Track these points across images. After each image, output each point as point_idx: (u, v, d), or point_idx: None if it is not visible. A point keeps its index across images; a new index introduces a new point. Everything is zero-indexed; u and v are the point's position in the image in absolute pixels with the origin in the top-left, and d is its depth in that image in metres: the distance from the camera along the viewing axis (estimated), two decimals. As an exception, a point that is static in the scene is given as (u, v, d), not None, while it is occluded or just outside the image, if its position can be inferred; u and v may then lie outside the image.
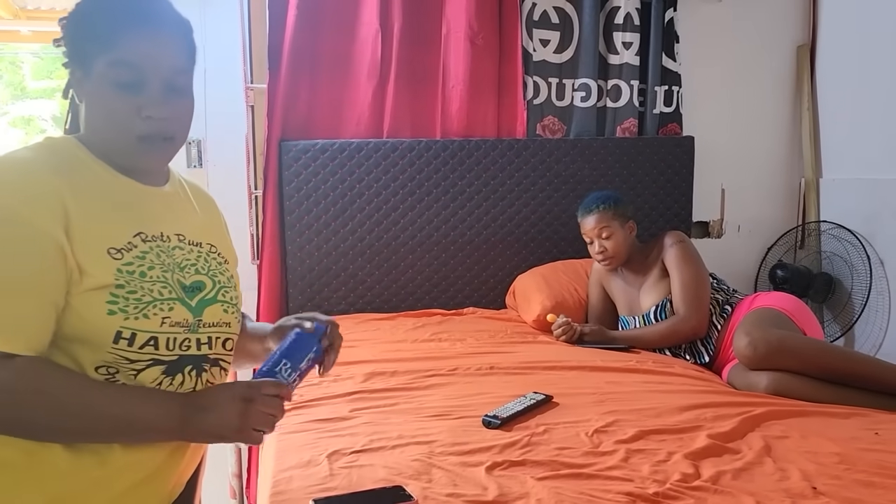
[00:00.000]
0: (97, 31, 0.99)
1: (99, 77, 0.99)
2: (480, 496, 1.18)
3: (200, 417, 0.97)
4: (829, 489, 1.21)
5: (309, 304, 2.61)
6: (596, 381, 1.83)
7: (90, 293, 0.93)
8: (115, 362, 0.96)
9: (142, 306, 0.96)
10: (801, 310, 2.08)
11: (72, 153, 1.01)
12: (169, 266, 1.02)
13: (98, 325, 0.94)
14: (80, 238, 0.94)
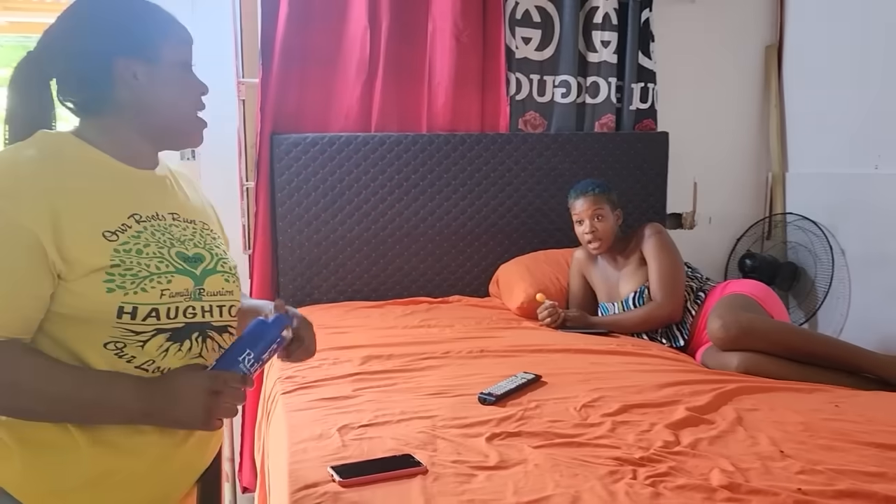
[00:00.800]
0: (161, 24, 1.11)
1: (170, 61, 1.11)
2: (483, 462, 1.29)
3: (169, 407, 1.02)
4: (795, 452, 1.34)
5: (300, 293, 2.69)
6: (580, 362, 1.95)
7: (88, 276, 0.99)
8: (121, 336, 1.01)
9: (138, 281, 1.01)
10: (769, 296, 2.23)
11: (68, 147, 1.07)
12: (165, 242, 1.08)
13: (100, 304, 0.99)
14: (72, 228, 0.98)
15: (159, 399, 1.01)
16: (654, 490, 1.19)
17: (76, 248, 0.98)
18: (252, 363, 1.07)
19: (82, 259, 0.98)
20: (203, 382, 1.03)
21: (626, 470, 1.26)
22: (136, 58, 1.08)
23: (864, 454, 1.34)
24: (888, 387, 1.89)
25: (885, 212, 2.68)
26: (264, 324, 1.10)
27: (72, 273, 0.98)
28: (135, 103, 1.09)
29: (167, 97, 1.11)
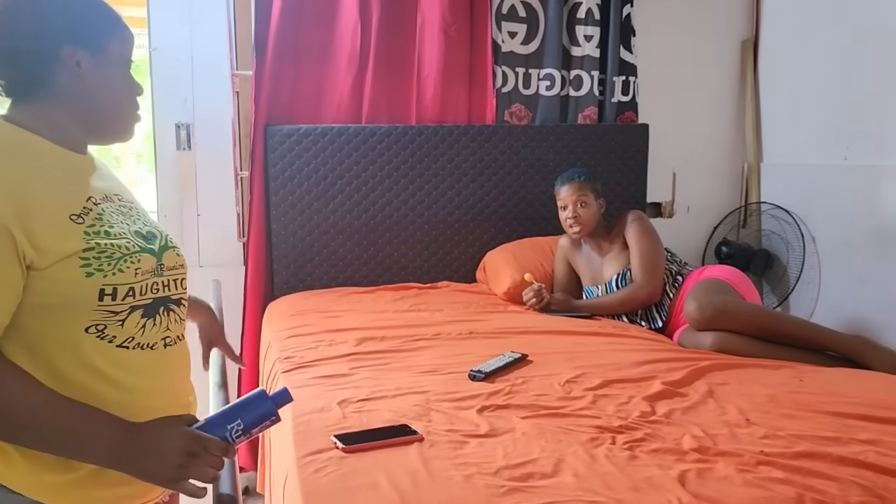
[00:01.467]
0: (110, 20, 1.11)
1: (113, 56, 1.09)
2: (475, 431, 1.40)
3: (140, 458, 0.97)
4: (760, 420, 1.46)
5: (293, 279, 2.78)
6: (564, 342, 2.07)
7: (62, 262, 0.97)
8: (102, 318, 1.01)
9: (114, 262, 1.02)
10: (743, 280, 2.35)
11: (13, 134, 1.04)
12: (123, 222, 1.09)
13: (80, 289, 0.99)
14: (40, 213, 0.97)
15: (134, 447, 0.97)
16: (631, 453, 1.31)
17: (46, 234, 0.97)
18: (239, 434, 1.00)
19: (54, 245, 0.97)
20: (182, 443, 0.97)
21: (605, 437, 1.38)
22: (82, 47, 1.06)
23: (822, 422, 1.47)
24: (850, 363, 2.02)
25: (853, 201, 2.82)
26: (264, 397, 1.04)
27: (44, 260, 0.96)
28: (74, 91, 1.07)
29: (107, 90, 1.10)
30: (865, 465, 1.27)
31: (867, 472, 1.24)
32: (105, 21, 1.10)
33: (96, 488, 1.01)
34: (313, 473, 1.23)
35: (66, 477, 0.99)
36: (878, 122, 2.72)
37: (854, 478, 1.22)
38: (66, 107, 1.07)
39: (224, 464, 1.00)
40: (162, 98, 2.70)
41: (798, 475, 1.22)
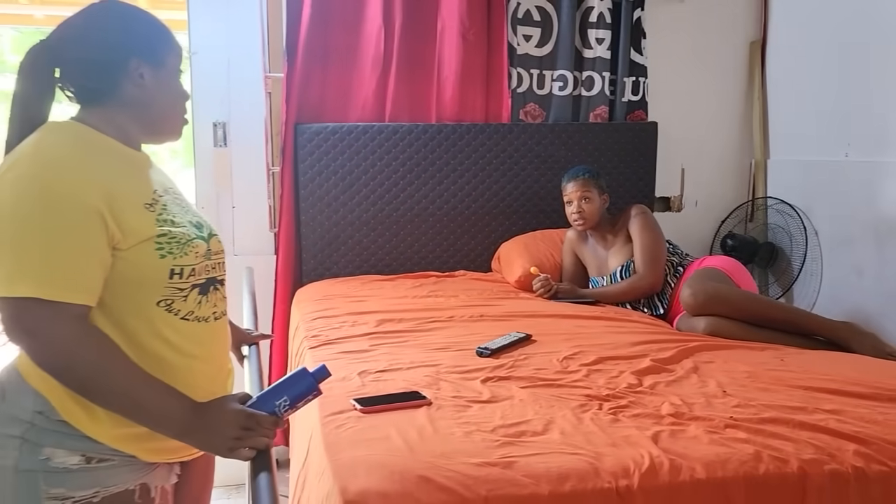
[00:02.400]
0: (168, 37, 1.27)
1: (170, 70, 1.25)
2: (477, 397, 1.58)
3: (204, 432, 1.12)
4: (735, 392, 1.63)
5: (320, 268, 2.98)
6: (567, 325, 2.24)
7: (140, 245, 1.13)
8: (170, 294, 1.17)
9: (181, 246, 1.18)
10: (738, 269, 2.50)
11: (89, 134, 1.19)
12: (181, 212, 1.24)
13: (155, 268, 1.15)
14: (122, 202, 1.12)
15: (199, 423, 1.12)
16: (615, 417, 1.48)
17: (129, 219, 1.12)
18: (286, 408, 1.15)
19: (136, 229, 1.13)
20: (238, 420, 1.12)
21: (593, 404, 1.55)
22: (146, 60, 1.21)
23: (792, 394, 1.62)
24: (837, 348, 2.16)
25: (854, 196, 2.94)
26: (306, 374, 1.17)
27: (126, 243, 1.11)
28: (137, 98, 1.21)
29: (163, 97, 1.24)
30: (824, 430, 1.42)
31: (824, 436, 1.40)
32: (163, 37, 1.26)
33: (159, 440, 1.17)
34: (335, 429, 1.42)
35: (136, 430, 1.14)
36: (878, 121, 2.83)
37: (811, 440, 1.38)
38: (128, 111, 1.22)
39: (275, 435, 1.15)
40: (200, 98, 2.92)
41: (760, 436, 1.38)
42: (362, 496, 1.15)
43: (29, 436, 1.12)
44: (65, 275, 1.07)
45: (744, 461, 1.28)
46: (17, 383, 1.14)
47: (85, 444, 1.13)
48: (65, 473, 1.12)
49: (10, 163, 1.12)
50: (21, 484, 1.12)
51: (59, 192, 1.08)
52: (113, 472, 1.15)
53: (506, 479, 1.20)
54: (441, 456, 1.27)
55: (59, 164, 1.11)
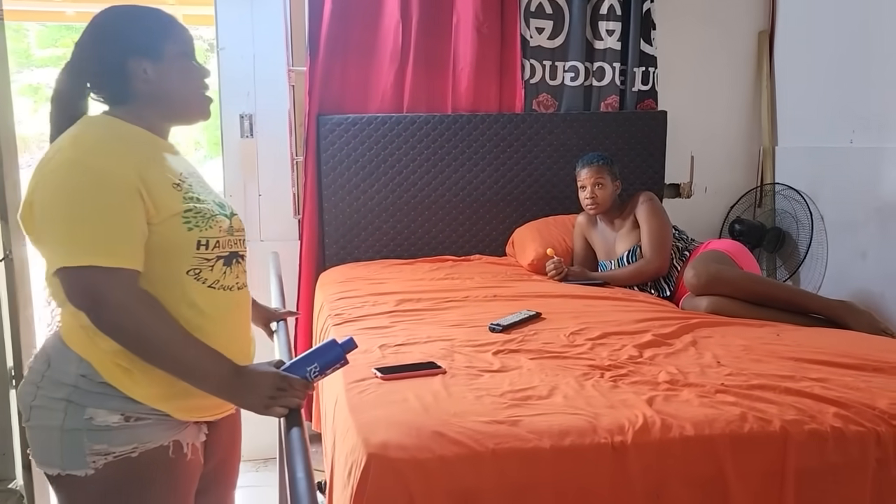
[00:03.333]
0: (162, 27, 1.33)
1: (173, 56, 1.32)
2: (488, 367, 1.72)
3: (242, 390, 1.24)
4: (729, 363, 1.75)
5: (342, 252, 3.12)
6: (575, 304, 2.36)
7: (170, 220, 1.26)
8: (198, 264, 1.28)
9: (205, 220, 1.29)
10: (741, 251, 2.61)
11: (121, 125, 1.31)
12: (204, 192, 1.36)
13: (183, 239, 1.27)
14: (153, 181, 1.25)
15: (238, 382, 1.24)
16: (614, 384, 1.61)
17: (161, 196, 1.25)
18: (316, 374, 1.28)
19: (167, 204, 1.25)
20: (275, 381, 1.23)
21: (595, 373, 1.68)
22: (143, 57, 1.30)
23: (783, 365, 1.74)
24: (834, 326, 2.26)
25: (858, 181, 3.03)
26: (335, 344, 1.31)
27: (158, 217, 1.24)
28: (149, 93, 1.31)
29: (172, 85, 1.33)
30: (809, 395, 1.54)
31: (807, 400, 1.52)
32: (157, 30, 1.33)
33: (194, 398, 1.29)
34: (358, 394, 1.57)
35: (171, 390, 1.27)
36: (882, 108, 2.91)
37: (795, 403, 1.49)
38: (148, 105, 1.33)
39: (305, 397, 1.27)
40: (228, 92, 3.07)
41: (747, 400, 1.50)
42: (383, 447, 1.29)
43: (73, 398, 1.24)
44: (116, 244, 1.20)
45: (730, 421, 1.40)
46: (61, 350, 1.27)
47: (124, 405, 1.25)
48: (107, 431, 1.24)
49: (55, 151, 1.25)
50: (67, 441, 1.24)
51: (102, 172, 1.21)
52: (149, 429, 1.28)
53: (512, 435, 1.33)
54: (454, 415, 1.40)
55: (99, 149, 1.24)
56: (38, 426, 1.28)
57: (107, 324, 1.20)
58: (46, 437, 1.26)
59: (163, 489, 1.31)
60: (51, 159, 1.23)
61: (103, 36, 1.32)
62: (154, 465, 1.28)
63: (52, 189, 1.21)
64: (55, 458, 1.26)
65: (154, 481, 1.29)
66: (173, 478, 1.32)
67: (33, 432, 1.29)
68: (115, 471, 1.25)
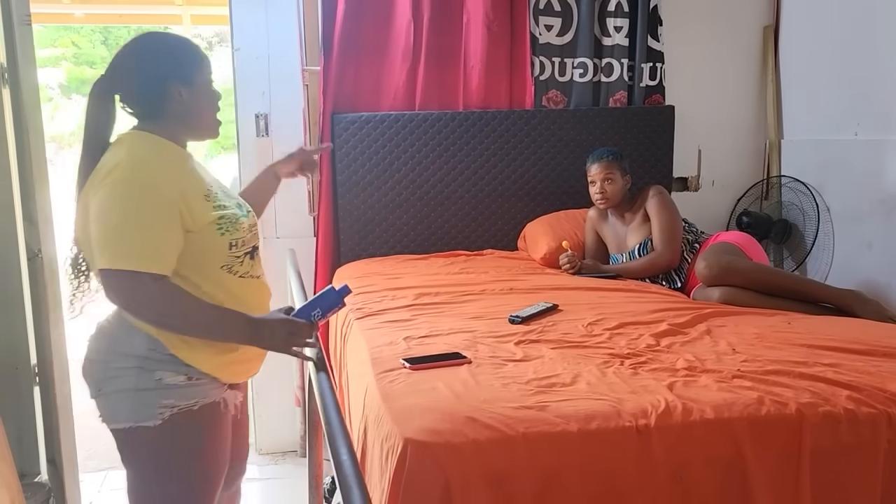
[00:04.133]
0: (196, 57, 1.58)
1: (201, 84, 1.57)
2: (512, 357, 1.78)
3: (263, 337, 1.52)
4: (744, 350, 1.81)
5: (357, 248, 3.18)
6: (590, 296, 2.42)
7: (205, 227, 1.50)
8: (230, 261, 1.55)
9: (233, 223, 1.55)
10: (750, 243, 2.67)
11: (158, 142, 1.54)
12: (227, 197, 1.60)
13: (218, 242, 1.53)
14: (190, 196, 1.49)
15: (254, 328, 1.51)
16: (634, 371, 1.67)
17: (195, 208, 1.49)
18: (319, 317, 1.55)
19: (200, 215, 1.50)
20: (286, 326, 1.52)
21: (615, 361, 1.74)
22: (181, 82, 1.54)
23: (795, 351, 1.80)
24: (842, 314, 2.32)
25: (863, 172, 3.08)
26: (333, 291, 1.57)
27: (195, 225, 1.49)
28: (180, 113, 1.55)
29: (199, 106, 1.58)
30: (822, 379, 1.60)
31: (821, 384, 1.57)
32: (192, 59, 1.57)
33: (233, 365, 1.59)
34: (388, 383, 1.63)
35: (221, 358, 1.56)
36: (886, 100, 2.97)
37: (809, 387, 1.55)
38: (176, 121, 1.57)
39: (313, 337, 1.56)
40: (243, 91, 3.13)
41: (763, 385, 1.56)
42: (418, 433, 1.35)
43: (144, 365, 1.50)
44: (155, 252, 1.43)
45: (748, 404, 1.46)
46: (126, 328, 1.51)
47: (186, 369, 1.53)
48: (174, 388, 1.51)
49: (110, 168, 1.46)
50: (139, 399, 1.50)
51: (150, 189, 1.44)
52: (205, 388, 1.56)
53: (540, 419, 1.39)
54: (483, 402, 1.46)
55: (147, 168, 1.47)
56: (110, 392, 1.52)
57: (142, 318, 1.47)
58: (119, 399, 1.51)
59: (212, 434, 1.60)
60: (110, 172, 1.45)
61: (147, 58, 1.54)
62: (208, 416, 1.57)
63: (107, 199, 1.43)
64: (127, 414, 1.51)
65: (206, 429, 1.58)
66: (221, 428, 1.62)
67: (105, 399, 1.54)
68: (178, 420, 1.52)
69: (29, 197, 2.29)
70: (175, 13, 4.94)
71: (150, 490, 1.58)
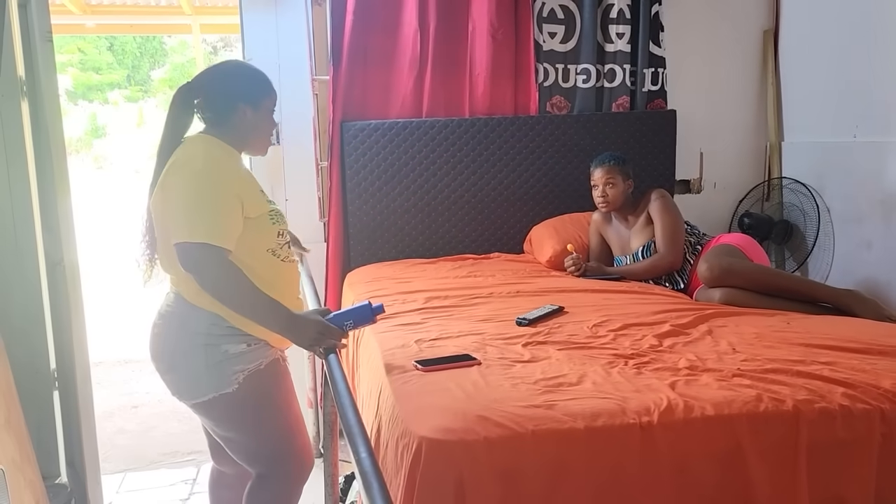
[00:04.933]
0: (266, 88, 1.87)
1: (265, 109, 1.87)
2: (520, 358, 1.85)
3: (296, 331, 1.73)
4: (743, 349, 1.88)
5: (367, 252, 3.26)
6: (595, 298, 2.49)
7: (260, 217, 1.79)
8: (275, 247, 1.82)
9: (281, 216, 1.86)
10: (751, 244, 2.73)
11: (222, 145, 1.82)
12: (267, 196, 1.88)
13: (269, 230, 1.82)
14: (247, 191, 1.78)
15: (292, 324, 1.73)
16: (638, 371, 1.74)
17: (251, 200, 1.78)
18: (350, 327, 1.77)
19: (256, 206, 1.79)
20: (318, 327, 1.72)
21: (619, 361, 1.81)
22: (249, 105, 1.82)
23: (793, 350, 1.87)
24: (841, 313, 2.39)
25: (862, 174, 3.15)
26: (369, 308, 1.77)
27: (253, 213, 1.77)
28: (242, 128, 1.83)
29: (258, 128, 1.86)
30: (818, 377, 1.67)
31: (817, 382, 1.64)
32: (263, 88, 1.87)
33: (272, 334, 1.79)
34: (402, 384, 1.70)
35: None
36: (884, 103, 3.03)
37: (805, 385, 1.62)
38: (236, 133, 1.85)
39: (341, 343, 1.73)
40: (254, 101, 3.20)
41: (762, 383, 1.63)
42: (433, 432, 1.42)
43: (209, 341, 1.76)
44: (222, 230, 1.70)
45: (747, 402, 1.53)
46: (188, 309, 1.78)
47: (246, 338, 1.79)
48: (240, 356, 1.78)
49: (187, 159, 1.75)
50: (214, 372, 1.76)
51: (219, 181, 1.73)
52: (263, 350, 1.83)
53: (549, 417, 1.46)
54: (494, 401, 1.53)
55: (217, 164, 1.76)
56: (183, 372, 1.79)
57: (207, 282, 1.70)
58: (194, 376, 1.77)
59: (281, 383, 1.89)
60: (187, 163, 1.74)
61: (227, 77, 1.85)
62: (273, 371, 1.85)
63: (184, 186, 1.71)
64: (206, 387, 1.77)
65: (276, 381, 1.86)
66: (286, 377, 1.92)
67: (179, 376, 1.80)
68: (252, 381, 1.79)
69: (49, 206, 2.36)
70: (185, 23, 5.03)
71: (252, 443, 1.86)
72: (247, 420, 1.83)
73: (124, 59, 14.86)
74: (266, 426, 1.85)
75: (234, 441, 1.88)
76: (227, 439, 1.89)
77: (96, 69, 14.36)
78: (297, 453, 1.91)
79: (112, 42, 14.22)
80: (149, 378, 4.50)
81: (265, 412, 1.85)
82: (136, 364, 4.77)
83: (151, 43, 14.59)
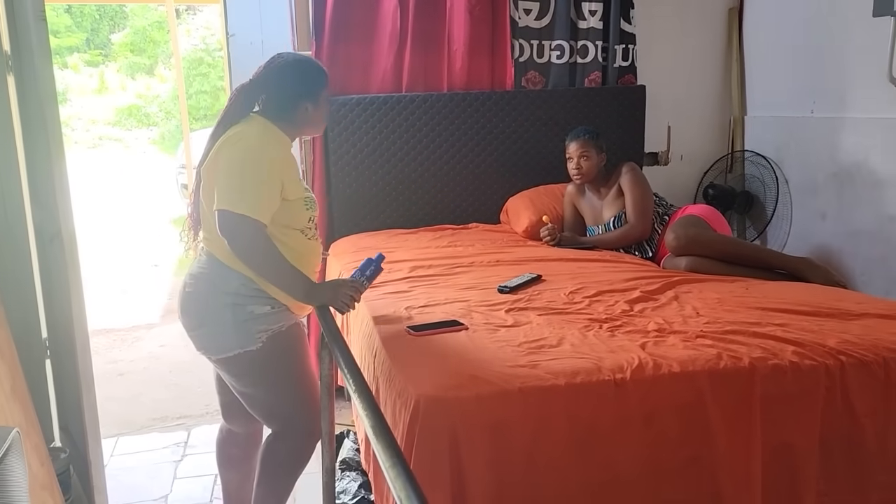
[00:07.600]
0: (322, 77, 2.03)
1: (323, 99, 2.03)
2: (504, 323, 2.00)
3: (314, 297, 1.91)
4: (706, 313, 2.05)
5: (349, 223, 3.38)
6: (570, 266, 2.65)
7: (296, 200, 1.95)
8: (306, 227, 1.99)
9: (313, 203, 2.01)
10: (715, 215, 2.91)
11: (278, 131, 1.98)
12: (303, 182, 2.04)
13: (302, 213, 1.97)
14: (288, 175, 1.92)
15: (315, 290, 1.92)
16: (611, 334, 1.90)
17: (291, 184, 1.92)
18: (364, 280, 2.00)
19: (294, 190, 1.94)
20: (336, 282, 1.98)
21: (594, 325, 1.97)
22: (310, 101, 1.99)
23: (751, 314, 2.05)
24: (795, 279, 2.58)
25: (818, 148, 3.34)
26: (371, 260, 2.02)
27: (291, 196, 1.92)
28: (302, 121, 2.01)
29: (318, 120, 2.05)
30: (772, 337, 1.85)
31: (771, 342, 1.82)
32: (322, 80, 2.02)
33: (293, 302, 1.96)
34: (397, 349, 1.84)
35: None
36: (840, 80, 3.22)
37: (760, 344, 1.80)
38: (296, 125, 2.02)
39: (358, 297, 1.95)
40: (238, 77, 3.25)
41: (722, 343, 1.81)
42: (429, 389, 1.57)
43: (237, 301, 1.91)
44: (262, 206, 1.85)
45: (708, 360, 1.71)
46: (221, 269, 1.92)
47: (270, 301, 1.94)
48: (265, 316, 1.93)
49: (240, 137, 1.89)
50: (240, 330, 1.90)
51: (265, 160, 1.87)
52: (286, 314, 1.98)
53: (533, 376, 1.62)
54: (483, 362, 1.69)
55: (266, 146, 1.91)
56: (211, 328, 1.93)
57: (239, 249, 1.85)
58: (221, 332, 1.92)
59: (300, 345, 2.04)
60: (241, 139, 1.89)
61: (292, 76, 1.97)
62: (294, 333, 2.01)
63: (236, 159, 1.86)
64: (232, 343, 1.91)
65: (295, 342, 2.02)
66: (304, 342, 2.08)
67: (207, 332, 1.94)
68: (274, 340, 1.94)
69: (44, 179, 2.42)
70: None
71: (272, 399, 2.01)
72: (268, 377, 1.97)
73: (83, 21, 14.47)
74: (285, 384, 1.99)
75: (253, 397, 2.01)
76: (247, 395, 2.01)
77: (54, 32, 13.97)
78: (312, 411, 2.02)
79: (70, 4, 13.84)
80: (130, 347, 4.59)
81: (285, 370, 1.99)
82: (116, 333, 4.85)
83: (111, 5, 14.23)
